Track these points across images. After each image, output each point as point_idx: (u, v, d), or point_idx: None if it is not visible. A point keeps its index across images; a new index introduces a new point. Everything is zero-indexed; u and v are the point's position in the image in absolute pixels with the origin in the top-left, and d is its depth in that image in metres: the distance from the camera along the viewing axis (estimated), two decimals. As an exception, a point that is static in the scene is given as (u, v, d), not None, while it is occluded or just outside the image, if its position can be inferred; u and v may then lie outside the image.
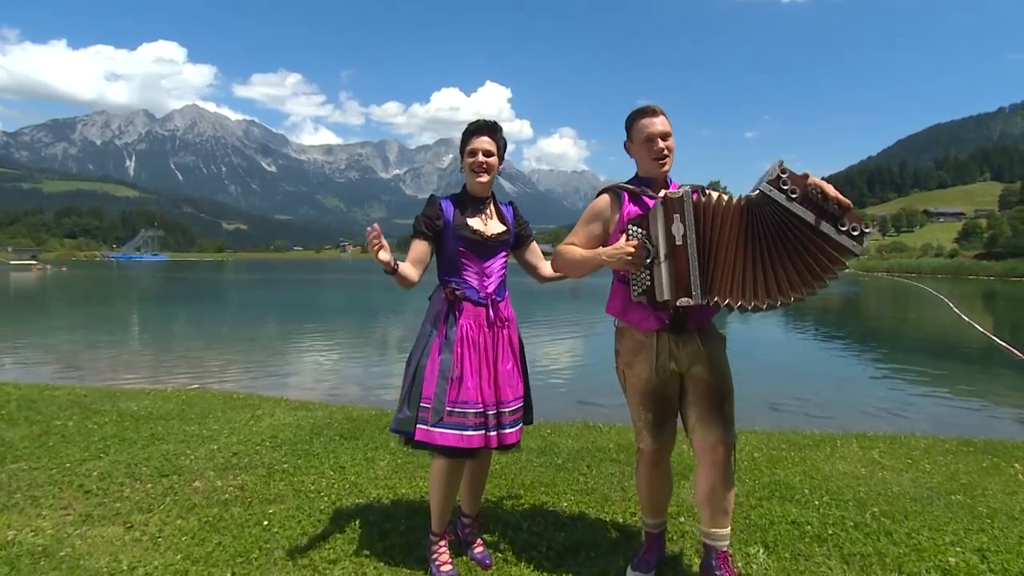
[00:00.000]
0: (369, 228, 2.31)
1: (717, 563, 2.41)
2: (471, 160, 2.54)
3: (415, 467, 3.82)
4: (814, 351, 12.98)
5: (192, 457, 3.97)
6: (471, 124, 2.56)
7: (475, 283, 2.54)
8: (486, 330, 2.51)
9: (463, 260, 2.55)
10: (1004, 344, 8.11)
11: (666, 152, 2.42)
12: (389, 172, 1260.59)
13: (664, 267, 2.26)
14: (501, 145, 2.59)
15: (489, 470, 2.72)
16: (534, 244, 2.77)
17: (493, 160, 2.56)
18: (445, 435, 2.41)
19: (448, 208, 2.58)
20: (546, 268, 2.71)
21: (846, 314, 22.75)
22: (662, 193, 2.32)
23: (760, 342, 13.78)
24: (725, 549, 2.43)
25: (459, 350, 2.47)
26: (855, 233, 2.06)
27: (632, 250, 2.29)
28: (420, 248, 2.55)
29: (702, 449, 2.38)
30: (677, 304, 2.27)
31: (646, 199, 2.43)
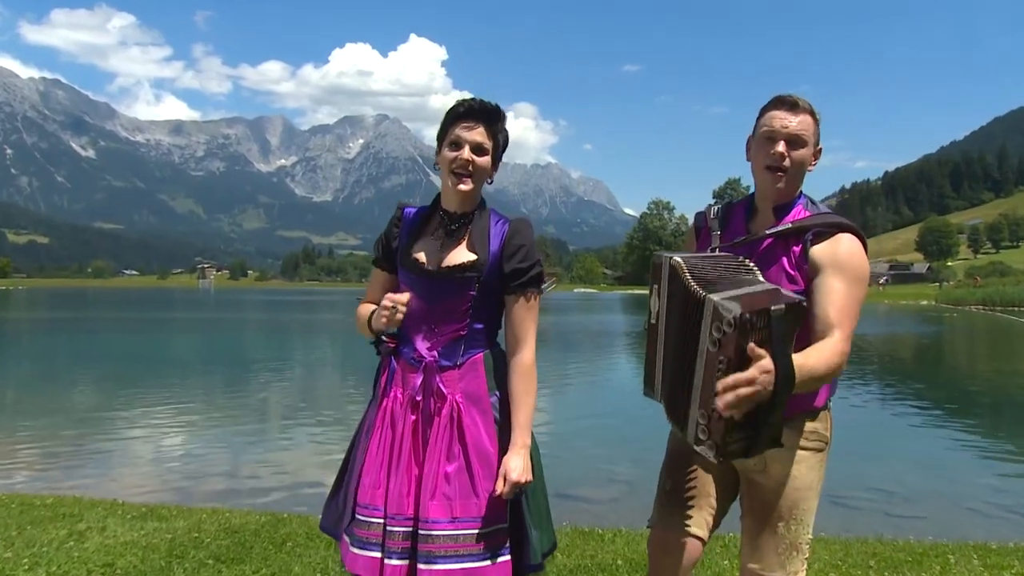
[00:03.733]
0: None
1: None
2: (452, 155, 2.42)
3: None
4: (886, 420, 13.12)
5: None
6: (460, 103, 2.45)
7: (414, 336, 2.49)
8: (410, 408, 2.43)
9: None
10: None
11: (784, 164, 2.45)
12: (271, 163, 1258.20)
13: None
14: (500, 141, 2.50)
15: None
16: (521, 301, 2.45)
17: (484, 161, 2.44)
18: (346, 550, 2.41)
19: (408, 224, 2.58)
20: (519, 350, 2.46)
21: (924, 366, 23.38)
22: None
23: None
24: None
25: (372, 431, 2.48)
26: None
27: None
28: (375, 282, 2.67)
29: (742, 571, 2.60)
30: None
31: (710, 234, 2.65)
